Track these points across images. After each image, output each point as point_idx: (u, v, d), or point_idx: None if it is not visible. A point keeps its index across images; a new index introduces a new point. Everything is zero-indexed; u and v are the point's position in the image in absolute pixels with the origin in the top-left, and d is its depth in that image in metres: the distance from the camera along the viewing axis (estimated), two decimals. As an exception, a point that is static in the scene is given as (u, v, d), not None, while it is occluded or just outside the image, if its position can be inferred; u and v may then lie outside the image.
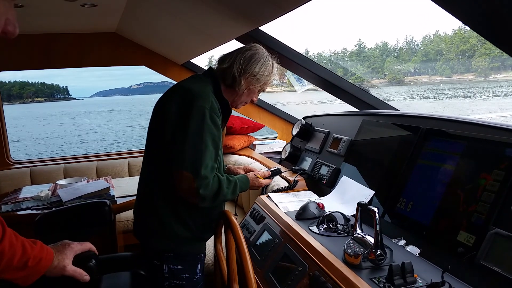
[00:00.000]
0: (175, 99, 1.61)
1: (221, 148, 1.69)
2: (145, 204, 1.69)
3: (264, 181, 1.94)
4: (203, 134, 1.51)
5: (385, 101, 2.44)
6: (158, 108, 1.67)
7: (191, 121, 1.51)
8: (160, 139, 1.60)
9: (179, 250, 1.64)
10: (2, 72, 3.57)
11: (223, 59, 1.73)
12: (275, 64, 1.77)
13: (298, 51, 2.41)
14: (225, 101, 1.69)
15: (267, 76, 1.73)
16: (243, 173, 1.95)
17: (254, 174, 1.89)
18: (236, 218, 1.71)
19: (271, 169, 2.04)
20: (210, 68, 1.77)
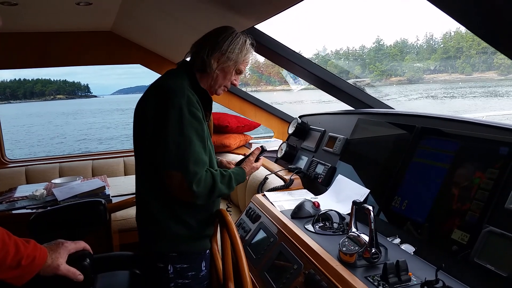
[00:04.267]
0: (151, 99, 1.56)
1: (209, 141, 1.64)
2: (142, 210, 1.66)
3: (259, 164, 1.87)
4: (185, 130, 1.46)
5: (381, 100, 2.45)
6: (137, 110, 1.62)
7: (170, 119, 1.46)
8: (143, 143, 1.57)
9: (183, 249, 1.60)
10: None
11: (192, 46, 1.68)
12: (248, 41, 1.68)
13: (293, 49, 2.40)
14: (203, 92, 1.63)
15: (239, 53, 1.63)
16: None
17: (248, 165, 1.82)
18: (230, 211, 1.70)
19: (260, 149, 1.89)
20: (183, 60, 1.70)
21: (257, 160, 1.85)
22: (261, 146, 1.89)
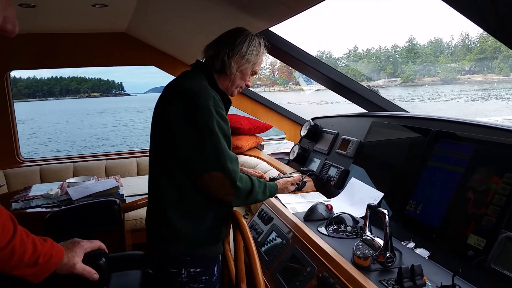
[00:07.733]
0: (175, 102, 1.55)
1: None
2: (156, 212, 1.65)
3: (292, 188, 1.89)
4: (216, 131, 1.48)
5: (394, 102, 2.43)
6: (159, 111, 1.62)
7: (201, 122, 1.47)
8: (168, 145, 1.56)
9: (198, 253, 1.58)
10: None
11: (208, 48, 1.69)
12: (262, 43, 1.71)
13: (307, 51, 2.40)
14: (222, 93, 1.65)
15: (256, 55, 1.67)
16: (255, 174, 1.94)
17: (283, 183, 1.84)
18: (247, 218, 1.69)
19: (302, 179, 1.94)
20: (197, 61, 1.71)
21: (292, 184, 1.89)
22: (303, 178, 1.95)
